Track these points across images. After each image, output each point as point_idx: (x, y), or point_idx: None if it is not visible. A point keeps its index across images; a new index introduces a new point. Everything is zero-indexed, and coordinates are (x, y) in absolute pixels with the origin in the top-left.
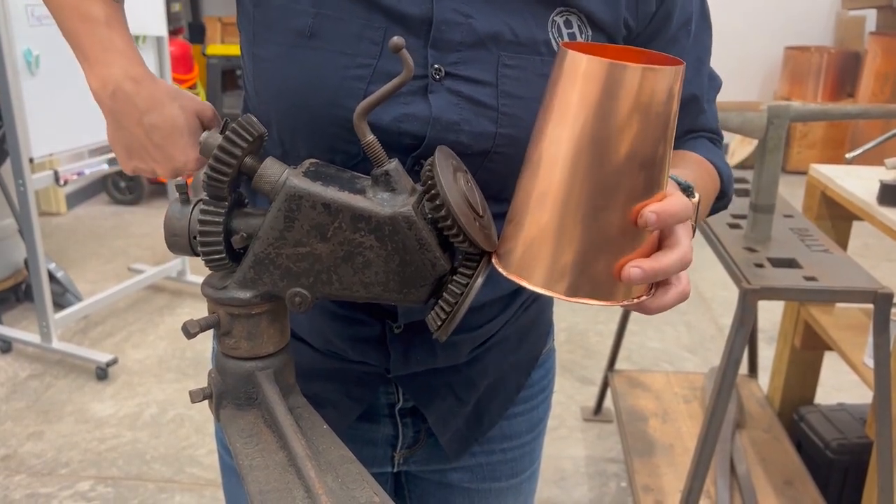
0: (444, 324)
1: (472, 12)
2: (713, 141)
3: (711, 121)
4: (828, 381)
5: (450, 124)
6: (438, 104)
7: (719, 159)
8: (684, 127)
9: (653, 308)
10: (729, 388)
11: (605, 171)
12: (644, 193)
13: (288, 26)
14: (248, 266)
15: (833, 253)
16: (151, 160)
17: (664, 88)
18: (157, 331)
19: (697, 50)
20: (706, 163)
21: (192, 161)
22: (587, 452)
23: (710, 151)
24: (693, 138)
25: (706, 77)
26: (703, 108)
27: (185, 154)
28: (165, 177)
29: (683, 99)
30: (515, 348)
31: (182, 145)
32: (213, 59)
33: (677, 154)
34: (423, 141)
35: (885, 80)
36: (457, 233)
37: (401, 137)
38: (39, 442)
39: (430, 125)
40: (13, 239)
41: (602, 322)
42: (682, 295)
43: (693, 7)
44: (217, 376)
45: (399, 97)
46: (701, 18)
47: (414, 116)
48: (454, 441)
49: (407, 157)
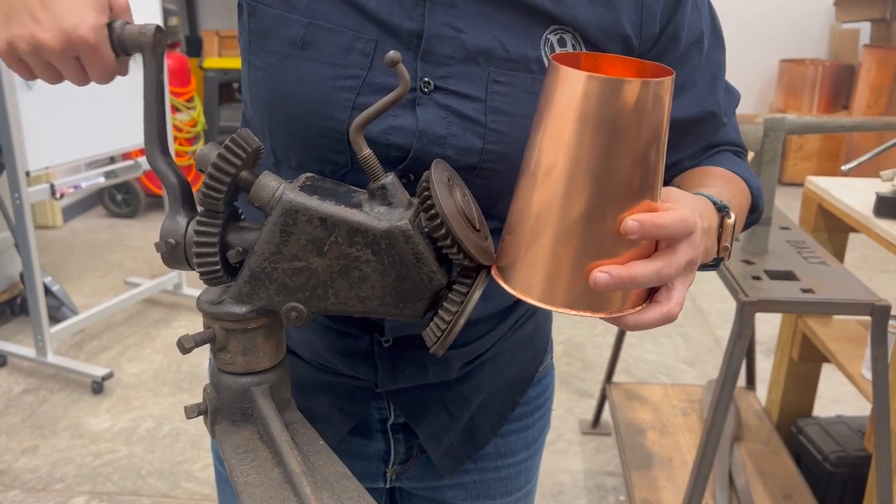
0: (441, 339)
1: (463, 27)
2: (737, 154)
3: (733, 134)
4: (825, 394)
5: (436, 138)
6: (425, 117)
7: (747, 172)
8: (704, 142)
9: (631, 324)
10: (727, 401)
11: (596, 183)
12: (634, 203)
13: (281, 35)
14: (244, 281)
15: (830, 265)
16: (33, 21)
17: (652, 98)
18: (153, 344)
19: (711, 67)
20: (735, 177)
21: (85, 25)
22: (585, 466)
23: (736, 165)
24: (717, 152)
25: (722, 92)
26: (723, 121)
27: (79, 15)
28: (50, 44)
29: (700, 115)
30: (510, 365)
31: (75, 4)
32: (211, 72)
33: (705, 171)
34: (409, 153)
35: (879, 92)
36: (453, 246)
37: (388, 150)
38: (34, 457)
39: (416, 138)
40: (9, 252)
41: (599, 334)
42: (665, 316)
43: (704, 25)
44: (212, 391)
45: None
46: (713, 36)
47: (401, 129)
48: (447, 457)
49: (394, 168)
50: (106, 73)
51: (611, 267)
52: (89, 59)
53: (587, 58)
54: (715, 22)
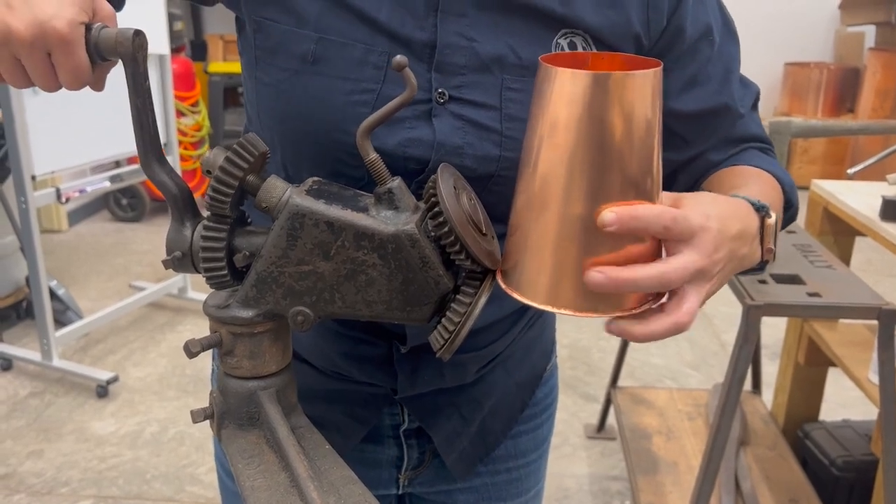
0: (447, 343)
1: (475, 36)
2: (763, 150)
3: (754, 128)
4: (832, 398)
5: (454, 148)
6: (442, 128)
7: (777, 168)
8: (722, 135)
9: (637, 335)
10: (733, 406)
11: (588, 181)
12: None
13: (291, 51)
14: (251, 285)
15: (836, 269)
16: (6, 7)
17: (641, 92)
18: (158, 348)
19: (723, 60)
20: (766, 175)
21: (61, 18)
22: (590, 470)
23: (765, 161)
24: (743, 150)
25: (736, 85)
26: (739, 113)
27: (58, 7)
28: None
29: (715, 109)
30: (519, 366)
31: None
32: (215, 76)
33: (736, 171)
34: (428, 165)
35: (885, 95)
36: (460, 250)
37: (406, 162)
38: (39, 461)
39: (434, 149)
40: (15, 256)
41: (604, 338)
42: (674, 326)
43: (711, 18)
44: (219, 396)
45: (403, 122)
46: (724, 29)
47: (419, 141)
48: (460, 461)
49: (411, 181)
50: (77, 75)
51: (607, 267)
52: (61, 56)
53: (585, 57)
54: (725, 15)
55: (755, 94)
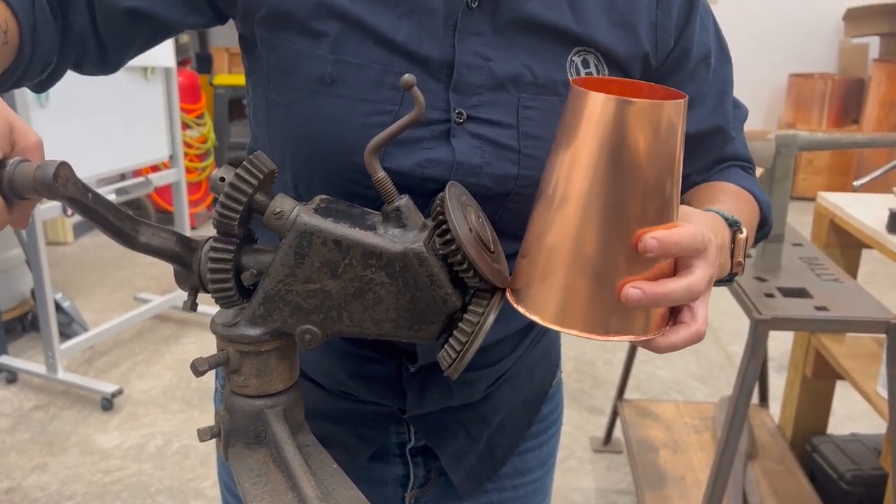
0: (455, 361)
1: (491, 55)
2: (745, 169)
3: (741, 148)
4: (839, 411)
5: (472, 168)
6: (461, 148)
7: (755, 187)
8: (712, 157)
9: (662, 346)
10: (741, 420)
11: (615, 205)
12: (653, 224)
13: (306, 72)
14: (258, 303)
15: (843, 282)
16: None
17: (669, 121)
18: (163, 361)
19: (718, 82)
20: (744, 192)
21: None
22: (597, 484)
23: (744, 180)
24: (725, 168)
25: (730, 107)
26: (731, 135)
27: None
28: None
29: (709, 130)
30: (526, 383)
31: None
32: (221, 88)
33: (714, 186)
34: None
35: (890, 106)
36: (468, 269)
37: (424, 182)
38: (44, 474)
39: (453, 169)
40: (20, 269)
41: (610, 351)
42: (695, 335)
43: (710, 41)
44: (225, 414)
45: (421, 142)
46: (719, 52)
47: (437, 161)
48: (467, 479)
49: (429, 201)
50: None
51: (643, 283)
52: None
53: (605, 82)
54: (721, 38)
55: (745, 116)
